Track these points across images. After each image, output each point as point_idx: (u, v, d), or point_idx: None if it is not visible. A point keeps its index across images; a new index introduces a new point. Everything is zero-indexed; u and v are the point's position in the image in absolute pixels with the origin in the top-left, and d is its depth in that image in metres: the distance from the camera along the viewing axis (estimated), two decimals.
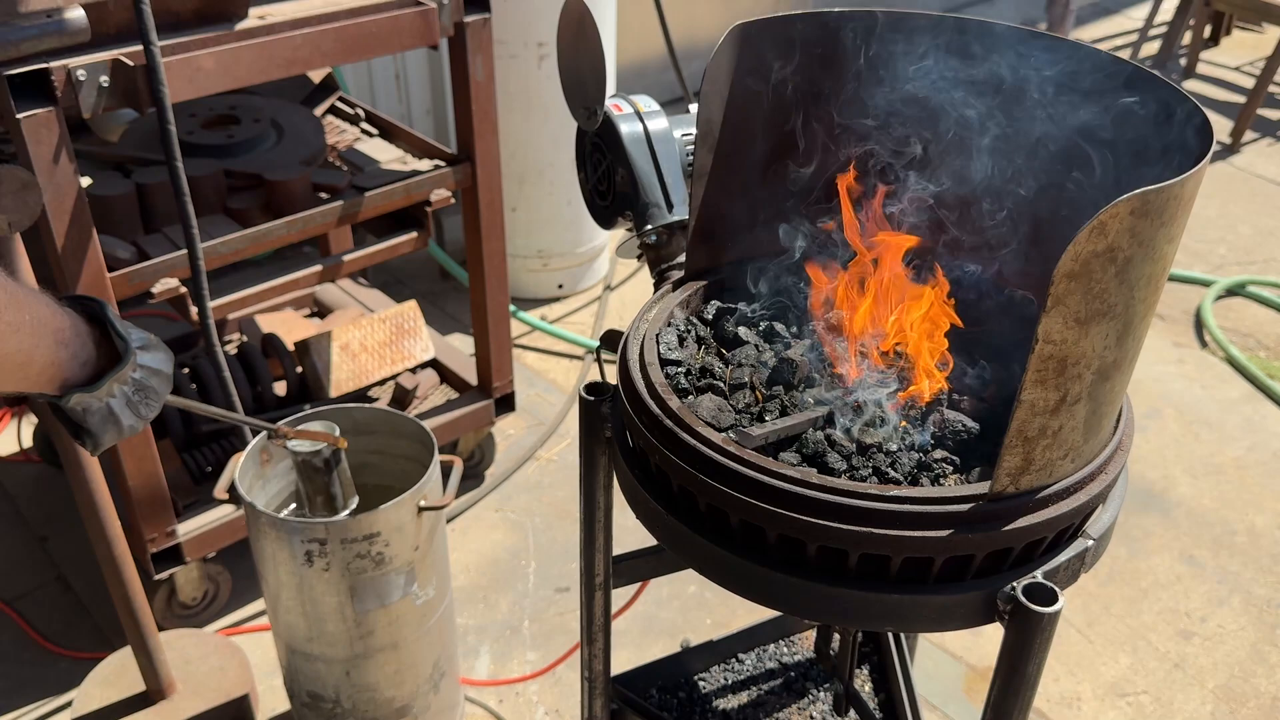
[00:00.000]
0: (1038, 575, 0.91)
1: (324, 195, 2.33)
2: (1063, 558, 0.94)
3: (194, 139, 2.41)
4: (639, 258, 1.51)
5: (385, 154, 2.56)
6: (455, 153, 2.48)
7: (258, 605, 2.53)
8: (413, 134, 2.59)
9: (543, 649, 2.45)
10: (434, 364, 2.90)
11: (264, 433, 2.01)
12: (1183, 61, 5.76)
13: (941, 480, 0.96)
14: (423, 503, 1.87)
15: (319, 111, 2.77)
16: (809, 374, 1.07)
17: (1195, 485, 2.97)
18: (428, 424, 2.58)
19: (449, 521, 2.77)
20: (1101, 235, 0.76)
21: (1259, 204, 4.50)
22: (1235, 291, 3.87)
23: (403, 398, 2.74)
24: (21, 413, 3.02)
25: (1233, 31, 6.32)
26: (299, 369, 2.73)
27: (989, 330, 1.13)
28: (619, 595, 2.51)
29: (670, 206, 1.44)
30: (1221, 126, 5.14)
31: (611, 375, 1.16)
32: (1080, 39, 5.47)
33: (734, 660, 1.69)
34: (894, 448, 0.99)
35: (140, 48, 1.78)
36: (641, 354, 1.07)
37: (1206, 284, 3.87)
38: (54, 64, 1.77)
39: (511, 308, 3.46)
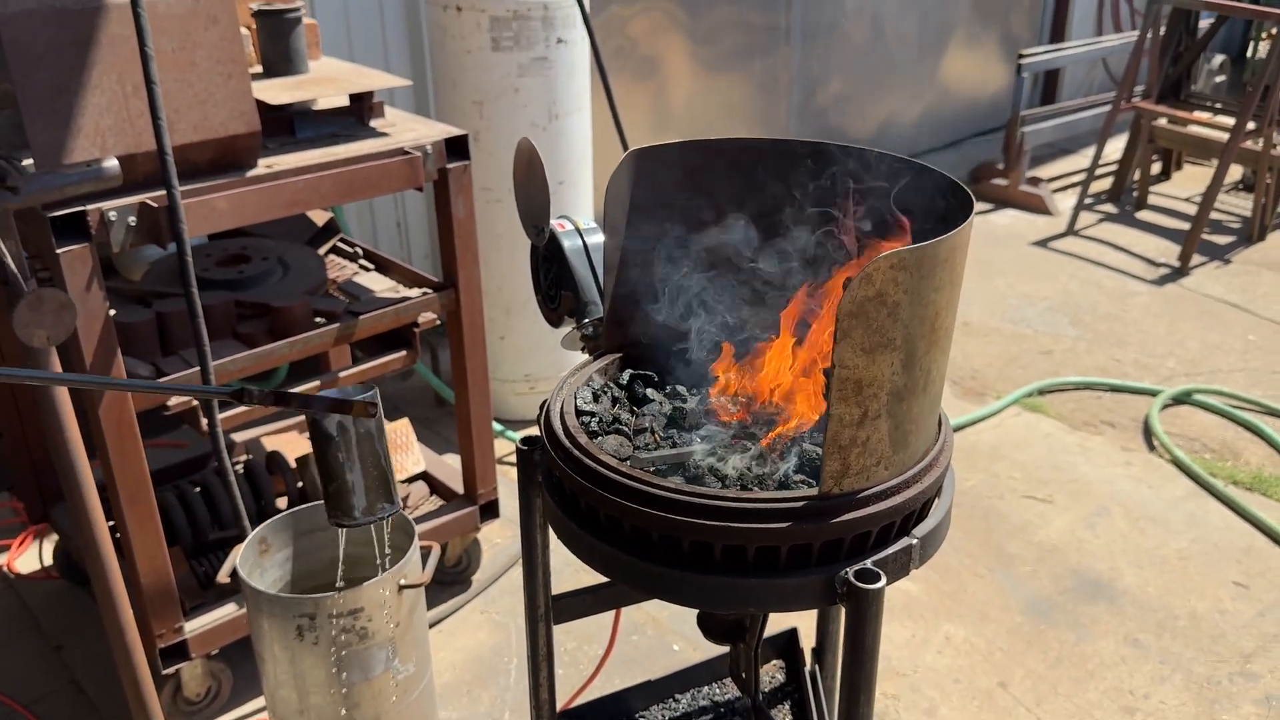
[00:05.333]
0: (868, 563, 1.14)
1: (322, 320, 2.62)
2: (890, 551, 1.17)
3: (209, 275, 2.72)
4: (582, 348, 1.78)
5: (379, 284, 2.86)
6: (441, 281, 2.79)
7: (257, 703, 2.71)
8: (405, 267, 2.91)
9: None
10: (424, 476, 3.14)
11: (259, 529, 2.24)
12: (1135, 194, 6.15)
13: None
14: (403, 581, 2.09)
15: (322, 250, 3.09)
16: (699, 420, 1.32)
17: (1140, 575, 3.15)
18: (418, 529, 2.81)
19: (437, 624, 2.96)
20: (870, 283, 1.03)
21: (1207, 321, 4.79)
22: (1182, 400, 4.11)
23: None
24: (43, 532, 3.26)
25: (1184, 166, 6.75)
26: (300, 483, 2.97)
27: None
28: (579, 674, 2.69)
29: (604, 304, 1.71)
30: (1171, 251, 5.49)
31: None
32: (1043, 177, 5.82)
33: (671, 699, 1.89)
34: (761, 472, 1.23)
35: (163, 192, 2.10)
36: (561, 405, 1.33)
37: (1155, 393, 4.12)
38: (89, 206, 2.09)
39: (500, 427, 3.72)
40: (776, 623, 2.18)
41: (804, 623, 2.14)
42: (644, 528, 1.16)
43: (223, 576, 2.12)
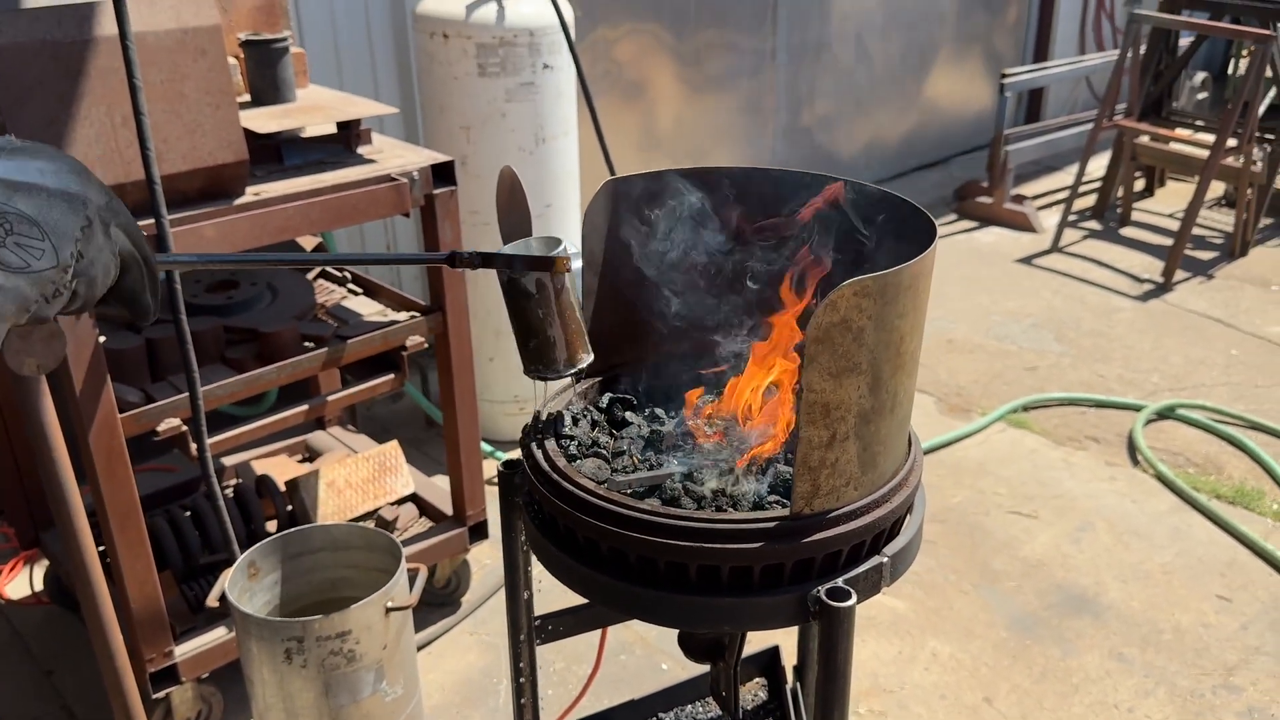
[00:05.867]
0: (839, 582, 1.17)
1: (310, 344, 2.64)
2: (861, 569, 1.20)
3: (198, 301, 2.75)
4: None
5: (368, 308, 2.89)
6: (429, 304, 2.82)
7: None
8: (393, 290, 2.94)
9: None
10: (414, 498, 3.17)
11: (248, 553, 2.26)
12: (1119, 210, 6.21)
13: None
14: (390, 604, 2.11)
15: (310, 275, 3.12)
16: (676, 442, 1.35)
17: (1125, 590, 3.18)
18: (407, 550, 2.84)
19: (426, 646, 2.98)
20: (834, 310, 1.06)
21: (1190, 336, 4.84)
22: (1166, 415, 4.15)
23: (384, 529, 3.00)
24: (34, 558, 3.27)
25: (1166, 183, 6.82)
26: (289, 506, 2.99)
27: None
28: (568, 694, 2.70)
29: None
30: (1154, 267, 5.54)
31: None
32: (1028, 195, 5.88)
33: (654, 718, 1.91)
34: (736, 493, 1.26)
35: (152, 221, 2.13)
36: (540, 429, 1.36)
37: (1138, 409, 4.16)
38: None
39: (490, 448, 3.74)
40: (759, 641, 2.21)
41: (787, 641, 2.16)
42: (621, 549, 1.19)
43: (212, 600, 2.14)
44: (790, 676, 1.97)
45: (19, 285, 0.78)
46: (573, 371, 1.32)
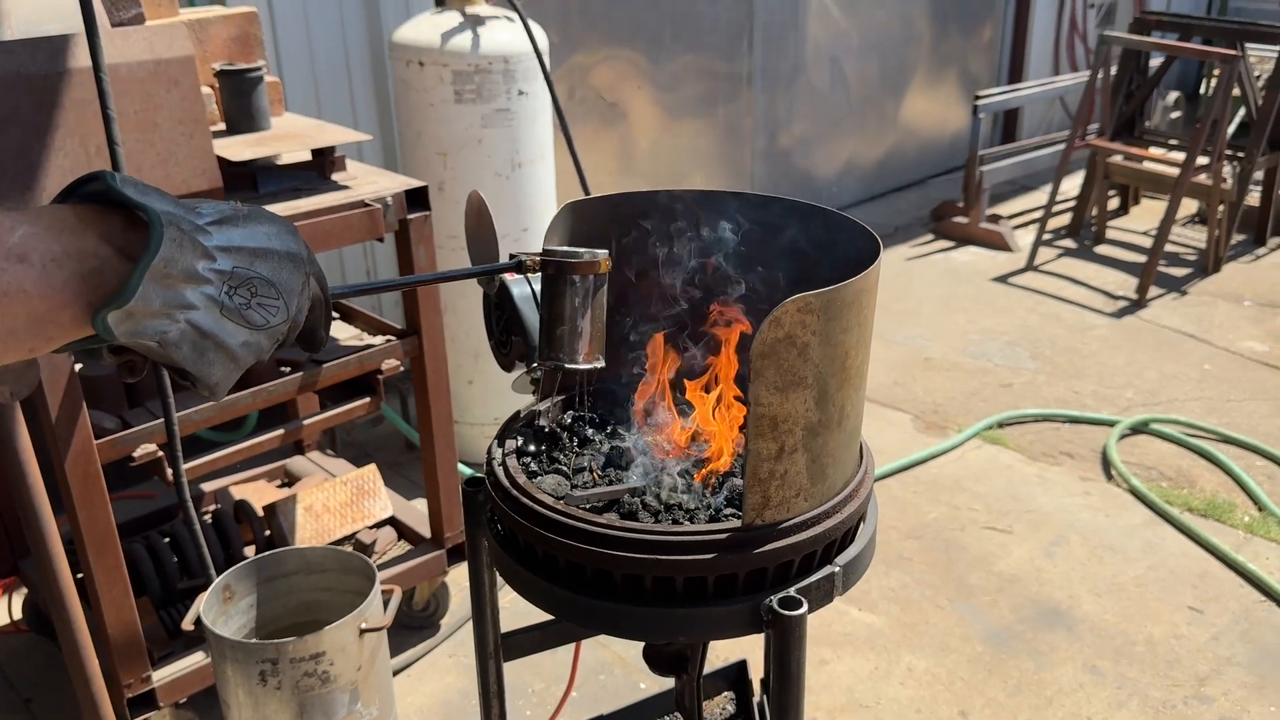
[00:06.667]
0: (791, 591, 1.20)
1: (286, 369, 2.67)
2: (813, 579, 1.23)
3: None
4: (532, 391, 1.84)
5: (344, 333, 2.92)
6: (404, 328, 2.85)
7: None
8: (368, 315, 2.97)
9: None
10: (392, 521, 3.18)
11: (222, 576, 2.28)
12: (1093, 229, 6.28)
13: None
14: (364, 625, 2.13)
15: None
16: (634, 457, 1.38)
17: (1098, 603, 3.21)
18: (385, 573, 2.86)
19: (406, 668, 2.99)
20: (779, 326, 1.10)
21: (1164, 351, 4.89)
22: (1139, 430, 4.20)
23: (362, 552, 3.01)
24: (11, 586, 3.27)
25: (1141, 201, 6.90)
26: (267, 531, 3.00)
27: None
28: (547, 715, 2.72)
29: None
30: (1129, 284, 5.61)
31: None
32: (1004, 214, 5.92)
33: None
34: (692, 506, 1.29)
35: None
36: (504, 447, 1.38)
37: (1112, 424, 4.20)
38: None
39: (469, 470, 3.76)
40: (729, 655, 2.23)
41: (755, 655, 2.18)
42: (579, 563, 1.22)
43: (187, 624, 2.16)
44: (758, 690, 2.00)
45: (259, 340, 0.89)
46: (585, 368, 1.33)
